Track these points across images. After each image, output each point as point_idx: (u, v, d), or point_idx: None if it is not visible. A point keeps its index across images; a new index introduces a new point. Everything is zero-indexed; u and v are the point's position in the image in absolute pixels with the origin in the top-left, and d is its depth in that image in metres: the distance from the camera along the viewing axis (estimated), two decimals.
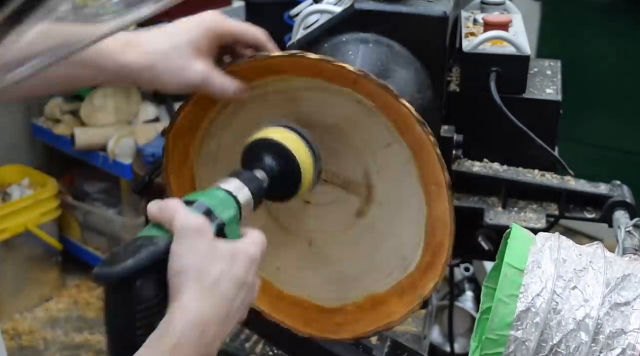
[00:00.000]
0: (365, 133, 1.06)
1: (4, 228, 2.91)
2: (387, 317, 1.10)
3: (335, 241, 1.15)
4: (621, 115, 3.17)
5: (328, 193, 1.12)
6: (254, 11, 3.14)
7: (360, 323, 1.12)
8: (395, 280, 1.10)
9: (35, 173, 3.17)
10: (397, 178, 1.07)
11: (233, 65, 1.01)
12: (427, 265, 1.06)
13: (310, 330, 1.14)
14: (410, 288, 1.09)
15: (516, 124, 1.34)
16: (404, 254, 1.09)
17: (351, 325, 1.13)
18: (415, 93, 1.17)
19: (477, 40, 1.40)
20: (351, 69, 0.95)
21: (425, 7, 1.21)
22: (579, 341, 0.87)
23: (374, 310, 1.12)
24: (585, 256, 0.92)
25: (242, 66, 1.01)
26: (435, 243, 1.04)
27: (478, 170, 1.41)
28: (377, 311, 1.11)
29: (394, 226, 1.10)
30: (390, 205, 1.10)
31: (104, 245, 3.20)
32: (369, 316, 1.12)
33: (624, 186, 1.38)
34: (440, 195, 1.00)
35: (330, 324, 1.14)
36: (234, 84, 1.01)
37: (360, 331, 1.12)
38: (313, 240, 1.15)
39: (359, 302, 1.13)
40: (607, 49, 3.13)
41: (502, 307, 0.88)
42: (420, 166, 1.02)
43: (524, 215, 1.38)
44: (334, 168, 1.11)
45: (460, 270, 2.75)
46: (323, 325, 1.14)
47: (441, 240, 1.03)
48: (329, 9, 1.32)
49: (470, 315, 2.62)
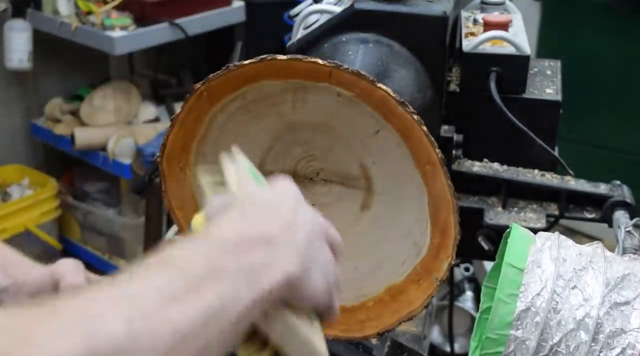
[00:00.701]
0: (352, 125, 1.06)
1: (4, 228, 2.91)
2: (408, 306, 1.10)
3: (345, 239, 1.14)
4: (621, 115, 3.17)
5: (329, 193, 1.12)
6: (254, 11, 3.14)
7: (382, 316, 1.12)
8: (410, 267, 1.10)
9: (35, 173, 3.17)
10: (392, 163, 1.07)
11: (207, 82, 1.01)
12: (438, 246, 1.06)
13: (334, 332, 1.13)
14: (426, 273, 1.08)
15: (516, 124, 1.34)
16: (414, 239, 1.09)
17: (374, 320, 1.13)
18: (415, 93, 1.17)
19: (477, 40, 1.40)
20: (323, 63, 0.95)
21: (425, 7, 1.21)
22: (579, 341, 0.87)
23: (395, 301, 1.12)
24: (585, 256, 0.92)
25: (217, 81, 1.00)
26: (441, 223, 1.04)
27: (478, 170, 1.41)
28: (397, 302, 1.11)
29: (399, 213, 1.10)
30: (391, 193, 1.10)
31: (103, 245, 3.20)
32: (390, 308, 1.12)
33: (624, 186, 1.38)
34: (436, 173, 1.00)
35: (354, 322, 1.13)
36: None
37: (383, 325, 1.12)
38: None
39: (378, 296, 1.13)
40: (607, 49, 3.13)
41: (502, 307, 0.88)
42: (412, 147, 1.02)
43: (524, 215, 1.38)
44: (329, 166, 1.11)
45: (460, 270, 2.75)
46: (347, 325, 1.14)
47: (446, 219, 1.03)
48: (329, 9, 1.32)
49: (470, 315, 2.62)
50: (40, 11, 2.95)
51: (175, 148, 1.07)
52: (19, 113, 3.19)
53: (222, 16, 3.05)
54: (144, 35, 2.83)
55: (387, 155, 1.07)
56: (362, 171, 1.10)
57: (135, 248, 3.06)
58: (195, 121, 1.06)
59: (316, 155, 1.11)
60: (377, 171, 1.10)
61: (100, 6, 2.88)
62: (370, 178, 1.10)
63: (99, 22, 2.81)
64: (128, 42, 2.80)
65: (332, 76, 0.98)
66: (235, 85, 1.02)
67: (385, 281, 1.12)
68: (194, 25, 2.93)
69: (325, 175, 1.12)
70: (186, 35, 2.87)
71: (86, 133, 2.98)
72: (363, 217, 1.13)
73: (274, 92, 1.04)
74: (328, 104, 1.04)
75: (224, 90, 1.02)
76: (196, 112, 1.04)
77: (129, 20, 2.81)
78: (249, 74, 1.00)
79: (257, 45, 2.94)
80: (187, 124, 1.05)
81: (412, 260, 1.10)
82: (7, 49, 2.93)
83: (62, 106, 3.12)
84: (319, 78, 0.99)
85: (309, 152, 1.11)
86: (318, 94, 1.03)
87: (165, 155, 1.07)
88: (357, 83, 0.97)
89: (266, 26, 3.11)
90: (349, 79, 0.97)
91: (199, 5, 2.96)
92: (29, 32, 2.93)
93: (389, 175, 1.09)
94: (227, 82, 1.01)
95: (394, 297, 1.12)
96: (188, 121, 1.05)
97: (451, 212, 1.01)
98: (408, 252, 1.10)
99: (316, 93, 1.03)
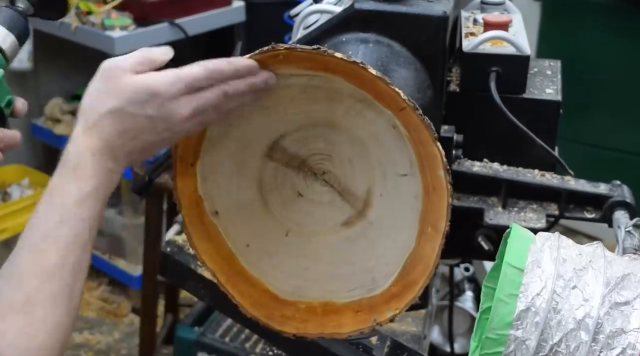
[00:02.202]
0: (385, 156, 1.05)
1: (4, 228, 2.91)
2: (335, 327, 1.10)
3: (312, 240, 1.14)
4: (621, 115, 3.17)
5: (324, 194, 1.12)
6: (254, 11, 3.14)
7: (307, 323, 1.12)
8: (357, 296, 1.10)
9: (35, 173, 3.17)
10: (397, 208, 1.06)
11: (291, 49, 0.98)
12: (392, 296, 1.06)
13: (256, 313, 1.13)
14: (368, 309, 1.09)
15: (516, 124, 1.34)
16: (374, 277, 1.09)
17: (298, 322, 1.12)
18: (415, 93, 1.17)
19: (477, 40, 1.40)
20: (404, 98, 0.94)
21: (425, 7, 1.21)
22: (579, 341, 0.87)
23: (325, 317, 1.12)
24: (585, 255, 0.92)
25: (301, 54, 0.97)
26: (409, 280, 1.04)
27: (478, 170, 1.41)
28: (327, 318, 1.11)
29: (375, 248, 1.10)
30: (380, 227, 1.09)
31: (104, 245, 3.20)
32: (318, 320, 1.12)
33: (624, 186, 1.38)
34: (435, 239, 1.00)
35: (278, 314, 1.13)
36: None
37: (303, 331, 1.12)
38: (291, 231, 1.15)
39: (313, 304, 1.13)
40: (607, 49, 3.13)
41: (502, 307, 0.88)
42: (426, 207, 1.02)
43: (524, 215, 1.38)
44: (338, 173, 1.10)
45: (460, 270, 2.75)
46: (271, 313, 1.13)
47: (416, 279, 1.03)
48: (329, 9, 1.32)
49: (470, 315, 2.62)
50: None
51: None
52: None
53: (222, 16, 3.05)
54: (144, 35, 2.83)
55: (398, 198, 1.06)
56: (366, 196, 1.09)
57: (135, 248, 3.06)
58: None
59: (334, 158, 1.10)
60: (380, 204, 1.09)
61: (100, 6, 2.88)
62: (369, 205, 1.10)
63: (99, 22, 2.81)
64: (128, 42, 2.80)
65: (403, 113, 0.97)
66: (313, 66, 0.99)
67: (327, 296, 1.12)
68: (194, 25, 2.93)
69: (329, 178, 1.11)
70: (186, 35, 2.87)
71: None
72: (340, 231, 1.12)
73: (339, 90, 1.02)
74: (378, 127, 1.03)
75: (300, 64, 1.00)
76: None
77: (129, 20, 2.81)
78: (332, 66, 0.98)
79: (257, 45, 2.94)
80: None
81: (362, 292, 1.10)
82: None
83: (62, 106, 3.12)
84: (390, 107, 0.99)
85: (329, 152, 1.10)
86: (376, 116, 1.02)
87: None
88: (420, 130, 0.96)
89: (266, 26, 3.11)
90: (415, 122, 0.96)
91: (199, 5, 2.96)
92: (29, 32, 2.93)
93: (387, 213, 1.08)
94: (309, 59, 0.98)
95: (326, 313, 1.12)
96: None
97: (425, 277, 1.01)
98: (362, 283, 1.10)
99: (375, 114, 1.02)
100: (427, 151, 0.98)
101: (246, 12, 3.13)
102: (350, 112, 1.05)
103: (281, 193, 1.13)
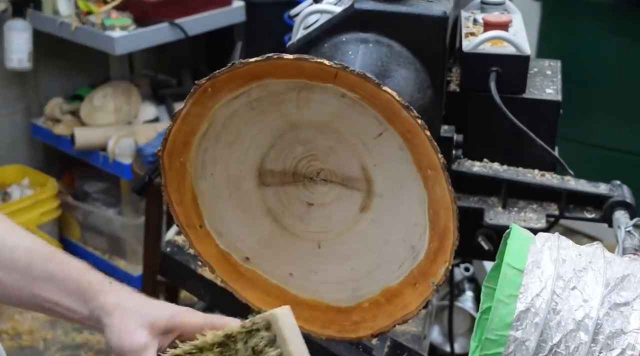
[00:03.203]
0: (354, 127, 1.06)
1: None
2: (403, 309, 1.10)
3: (343, 240, 1.15)
4: (621, 115, 3.17)
5: (329, 193, 1.12)
6: (254, 11, 3.14)
7: (377, 318, 1.12)
8: (407, 270, 1.10)
9: (35, 173, 3.17)
10: (393, 167, 1.07)
11: (213, 78, 1.01)
12: (435, 251, 1.05)
13: (329, 332, 1.14)
14: (422, 277, 1.08)
15: (516, 124, 1.34)
16: (412, 243, 1.09)
17: (369, 321, 1.13)
18: (415, 93, 1.17)
19: (477, 40, 1.40)
20: (329, 64, 0.95)
21: (425, 7, 1.21)
22: (578, 342, 0.87)
23: (390, 304, 1.11)
24: (585, 256, 0.92)
25: (222, 77, 1.00)
26: (440, 228, 1.04)
27: (478, 170, 1.41)
28: (393, 305, 1.11)
29: (398, 216, 1.10)
30: (392, 195, 1.10)
31: (103, 245, 3.20)
32: (386, 310, 1.12)
33: (624, 186, 1.38)
34: (438, 178, 1.00)
35: (349, 323, 1.14)
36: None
37: (378, 327, 1.12)
38: (321, 241, 1.16)
39: (374, 298, 1.13)
40: (607, 49, 3.13)
41: (502, 307, 0.88)
42: (414, 151, 1.02)
43: (524, 215, 1.38)
44: (330, 167, 1.11)
45: (460, 270, 2.75)
46: (341, 325, 1.14)
47: (446, 224, 1.02)
48: (329, 9, 1.32)
49: (470, 315, 2.62)
50: (40, 11, 2.95)
51: (177, 142, 1.07)
52: (19, 113, 3.20)
53: (222, 16, 3.05)
54: (144, 35, 2.83)
55: (389, 158, 1.07)
56: (363, 173, 1.10)
57: (135, 248, 3.06)
58: (198, 116, 1.06)
59: (317, 155, 1.11)
60: (378, 173, 1.09)
61: (100, 6, 2.88)
62: (370, 180, 1.10)
63: (99, 22, 2.81)
64: (128, 42, 2.80)
65: (338, 77, 0.98)
66: (240, 82, 1.02)
67: (382, 283, 1.12)
68: (194, 25, 2.93)
69: (325, 175, 1.12)
70: (186, 35, 2.87)
71: (86, 133, 2.98)
72: (362, 218, 1.13)
73: (278, 91, 1.04)
74: (332, 105, 1.04)
75: (228, 86, 1.02)
76: (199, 107, 1.04)
77: (129, 20, 2.81)
78: (255, 72, 1.00)
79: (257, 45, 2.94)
80: (190, 119, 1.05)
81: (409, 263, 1.09)
82: (7, 49, 2.93)
83: (62, 106, 3.12)
84: (325, 79, 0.99)
85: (310, 152, 1.11)
86: (322, 95, 1.03)
87: (166, 149, 1.07)
88: (363, 85, 0.97)
89: (266, 26, 3.11)
90: (354, 80, 0.97)
91: (199, 5, 2.96)
92: (29, 32, 2.93)
93: (389, 178, 1.09)
94: (232, 78, 1.01)
95: (390, 299, 1.11)
96: (191, 116, 1.05)
97: (451, 217, 1.01)
98: (405, 255, 1.10)
99: (321, 94, 1.03)
100: (381, 100, 0.98)
101: (246, 12, 3.12)
102: (300, 104, 1.06)
103: (293, 212, 1.14)
